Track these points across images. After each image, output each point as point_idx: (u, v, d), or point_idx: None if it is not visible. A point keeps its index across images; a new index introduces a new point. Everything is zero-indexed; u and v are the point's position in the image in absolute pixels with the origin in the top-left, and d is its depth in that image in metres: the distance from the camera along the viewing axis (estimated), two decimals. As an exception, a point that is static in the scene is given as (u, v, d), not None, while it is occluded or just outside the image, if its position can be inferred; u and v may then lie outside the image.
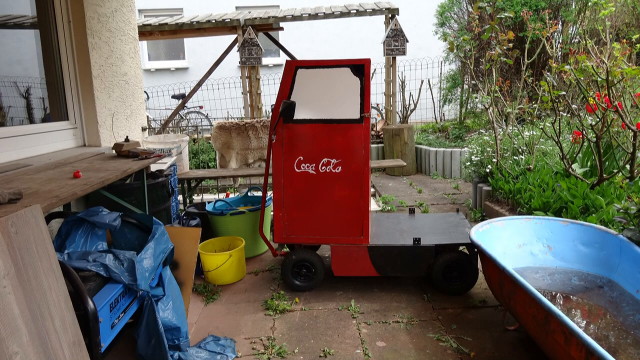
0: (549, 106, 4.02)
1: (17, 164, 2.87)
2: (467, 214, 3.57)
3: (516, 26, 7.15)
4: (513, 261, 2.81)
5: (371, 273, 3.18)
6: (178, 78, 12.10)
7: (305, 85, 3.07)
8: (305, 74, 3.05)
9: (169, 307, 2.36)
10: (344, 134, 3.05)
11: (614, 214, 3.07)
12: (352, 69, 2.99)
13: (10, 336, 1.46)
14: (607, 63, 3.33)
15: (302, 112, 3.10)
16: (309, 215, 3.18)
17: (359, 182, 3.08)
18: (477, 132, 6.96)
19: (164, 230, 2.50)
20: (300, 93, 3.07)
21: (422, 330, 2.71)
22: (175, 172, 4.21)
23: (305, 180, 3.14)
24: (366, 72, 2.99)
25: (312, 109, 3.08)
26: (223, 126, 5.40)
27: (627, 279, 2.54)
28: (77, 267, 2.06)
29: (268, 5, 12.00)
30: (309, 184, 3.14)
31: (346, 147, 3.06)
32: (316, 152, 3.11)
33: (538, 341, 2.15)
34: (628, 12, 6.52)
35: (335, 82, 3.03)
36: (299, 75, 3.06)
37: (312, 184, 3.14)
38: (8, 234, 1.56)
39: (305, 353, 2.52)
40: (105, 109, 3.85)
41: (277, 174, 3.18)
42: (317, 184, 3.13)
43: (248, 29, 7.20)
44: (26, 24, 3.52)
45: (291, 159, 3.14)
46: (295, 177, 3.15)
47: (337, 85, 3.03)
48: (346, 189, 3.10)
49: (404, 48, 7.22)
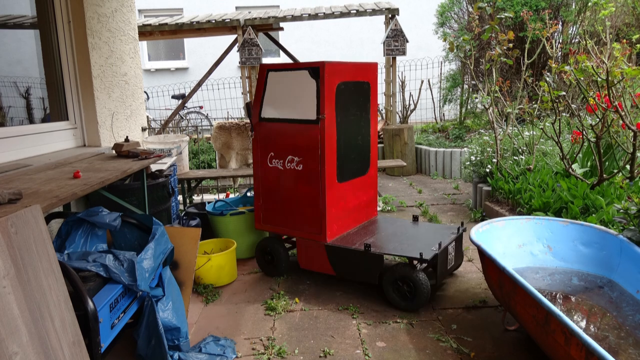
0: (549, 106, 4.02)
1: (17, 164, 2.87)
2: (463, 224, 3.48)
3: (516, 26, 7.15)
4: (513, 261, 2.81)
5: (329, 271, 3.27)
6: (178, 78, 12.10)
7: (276, 87, 3.28)
8: (276, 76, 3.26)
9: (169, 308, 2.35)
10: (304, 133, 3.21)
11: (614, 214, 3.07)
12: (310, 71, 3.11)
13: (10, 336, 1.46)
14: (607, 63, 3.33)
15: (271, 112, 3.32)
16: (279, 208, 3.42)
17: (316, 181, 3.20)
18: (477, 132, 6.96)
19: (164, 231, 2.50)
20: (272, 94, 3.31)
21: (422, 331, 2.70)
22: (175, 172, 4.21)
23: (275, 175, 3.39)
24: (321, 75, 3.07)
25: (280, 109, 3.28)
26: (223, 126, 5.40)
27: (627, 279, 2.54)
28: (77, 267, 2.06)
29: (268, 5, 11.99)
30: (279, 178, 3.38)
31: (306, 146, 3.21)
32: (283, 149, 3.32)
33: (538, 341, 2.15)
34: (628, 12, 6.52)
35: (301, 84, 3.17)
36: (270, 78, 3.28)
37: (281, 178, 3.38)
38: (8, 234, 1.56)
39: (305, 353, 2.52)
40: (105, 109, 3.85)
41: (256, 167, 3.48)
42: (284, 179, 3.36)
43: (248, 29, 7.20)
44: (26, 24, 3.53)
45: (265, 154, 3.41)
46: (268, 170, 3.42)
47: (303, 87, 3.17)
48: (306, 187, 3.26)
49: (404, 48, 7.22)
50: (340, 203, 3.36)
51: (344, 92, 3.28)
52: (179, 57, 12.64)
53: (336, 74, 3.19)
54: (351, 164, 3.44)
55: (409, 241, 3.19)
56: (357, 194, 3.55)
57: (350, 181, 3.45)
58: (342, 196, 3.37)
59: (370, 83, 3.53)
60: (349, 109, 3.37)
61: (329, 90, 3.12)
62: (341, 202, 3.37)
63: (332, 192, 3.25)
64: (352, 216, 3.53)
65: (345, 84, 3.29)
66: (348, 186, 3.43)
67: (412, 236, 3.30)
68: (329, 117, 3.14)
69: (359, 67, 3.42)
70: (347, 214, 3.46)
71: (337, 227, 3.33)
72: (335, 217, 3.31)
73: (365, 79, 3.48)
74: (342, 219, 3.39)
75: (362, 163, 3.58)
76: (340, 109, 3.26)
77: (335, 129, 3.22)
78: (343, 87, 3.28)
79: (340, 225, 3.38)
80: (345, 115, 3.32)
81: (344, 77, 3.26)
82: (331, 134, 3.18)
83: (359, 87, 3.44)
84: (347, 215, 3.46)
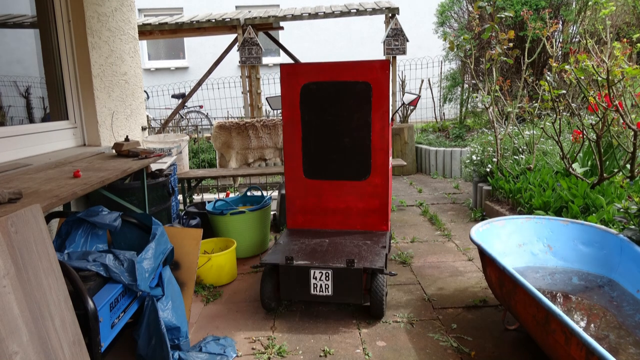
0: (549, 105, 4.01)
1: (17, 163, 2.87)
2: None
3: (516, 25, 7.14)
4: (513, 261, 2.81)
5: None
6: (178, 77, 12.10)
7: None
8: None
9: (169, 307, 2.35)
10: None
11: (614, 214, 3.07)
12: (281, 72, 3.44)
13: (10, 336, 1.46)
14: (607, 62, 3.32)
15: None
16: None
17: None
18: (479, 132, 6.95)
19: (164, 231, 2.50)
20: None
21: (422, 330, 2.70)
22: (175, 171, 4.21)
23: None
24: (281, 76, 3.39)
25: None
26: (223, 126, 5.40)
27: (628, 278, 2.54)
28: (77, 266, 2.06)
29: (268, 4, 11.98)
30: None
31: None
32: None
33: (538, 341, 2.15)
34: (628, 11, 6.51)
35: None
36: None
37: None
38: (8, 233, 1.56)
39: (305, 353, 2.52)
40: (105, 108, 3.85)
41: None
42: None
43: (248, 28, 7.19)
44: (26, 23, 3.52)
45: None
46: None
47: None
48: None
49: (404, 47, 7.21)
50: (310, 199, 3.52)
51: (314, 93, 3.36)
52: (179, 57, 12.63)
53: (301, 75, 3.35)
54: (331, 164, 3.44)
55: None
56: (344, 198, 3.45)
57: (330, 181, 3.45)
58: (313, 193, 3.51)
59: (370, 83, 3.26)
60: (326, 109, 3.36)
61: (292, 91, 3.38)
62: (311, 198, 3.51)
63: (296, 185, 3.51)
64: (333, 218, 3.49)
65: (317, 85, 3.33)
66: (326, 186, 3.47)
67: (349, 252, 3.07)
68: (290, 115, 3.42)
69: (348, 66, 3.27)
70: (323, 213, 3.51)
71: (302, 219, 3.55)
72: (301, 210, 3.53)
73: (358, 79, 3.28)
74: (312, 214, 3.53)
75: (355, 167, 3.40)
76: (309, 109, 3.37)
77: (300, 128, 3.43)
78: (313, 87, 3.34)
79: (309, 219, 3.54)
80: (318, 116, 3.38)
81: (313, 77, 3.33)
82: (294, 132, 3.44)
83: (345, 87, 3.29)
84: (323, 213, 3.51)
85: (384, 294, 2.78)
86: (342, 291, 2.78)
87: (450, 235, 4.30)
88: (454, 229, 4.50)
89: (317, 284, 2.81)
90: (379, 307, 2.79)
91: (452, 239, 4.23)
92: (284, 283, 2.85)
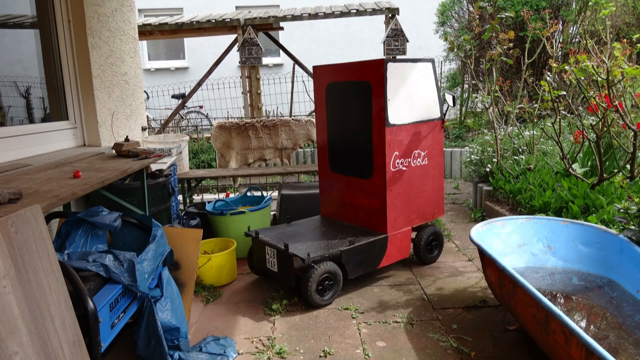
0: (549, 106, 4.01)
1: (17, 163, 2.87)
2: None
3: (517, 26, 7.15)
4: (513, 261, 2.81)
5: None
6: (178, 78, 12.09)
7: None
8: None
9: (167, 308, 2.35)
10: None
11: (614, 214, 3.07)
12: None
13: (10, 336, 1.46)
14: (607, 63, 3.32)
15: None
16: None
17: None
18: (479, 132, 6.95)
19: (163, 233, 2.50)
20: None
21: (422, 330, 2.70)
22: (175, 172, 4.21)
23: None
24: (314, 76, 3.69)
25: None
26: (223, 126, 5.40)
27: (628, 278, 2.54)
28: (77, 267, 2.06)
29: (268, 5, 11.98)
30: None
31: None
32: None
33: (538, 341, 2.15)
34: (628, 11, 6.51)
35: None
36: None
37: None
38: (8, 233, 1.56)
39: (305, 353, 2.52)
40: (105, 108, 3.85)
41: None
42: None
43: (248, 28, 7.19)
44: (26, 23, 3.52)
45: None
46: None
47: None
48: None
49: (404, 48, 7.21)
50: (334, 191, 3.74)
51: (334, 92, 3.55)
52: (179, 57, 12.63)
53: (325, 75, 3.59)
54: (344, 160, 3.60)
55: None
56: (355, 194, 3.52)
57: (345, 177, 3.59)
58: (335, 186, 3.71)
59: (370, 83, 3.24)
60: (342, 108, 3.53)
61: (319, 90, 3.69)
62: (334, 191, 3.73)
63: (325, 177, 3.79)
64: (349, 212, 3.62)
65: (335, 84, 3.53)
66: (343, 180, 3.61)
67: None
68: (319, 112, 3.72)
69: (353, 66, 3.37)
70: (342, 206, 3.67)
71: (329, 209, 3.82)
72: (328, 200, 3.80)
73: (362, 79, 3.30)
74: (335, 205, 3.75)
75: (360, 166, 3.44)
76: (331, 106, 3.60)
77: (325, 124, 3.69)
78: (334, 87, 3.53)
79: (334, 211, 3.78)
80: (336, 113, 3.58)
81: (334, 77, 3.53)
82: (322, 128, 3.73)
83: (356, 87, 3.36)
84: (342, 206, 3.68)
85: (312, 283, 2.95)
86: (282, 270, 3.12)
87: (450, 236, 4.30)
88: (453, 229, 4.50)
89: (269, 260, 3.22)
90: (305, 293, 2.97)
91: (452, 239, 4.23)
92: (255, 252, 3.41)
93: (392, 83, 3.22)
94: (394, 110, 3.25)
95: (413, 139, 3.40)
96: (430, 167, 3.53)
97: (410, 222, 3.48)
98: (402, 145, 3.34)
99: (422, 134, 3.44)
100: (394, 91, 3.25)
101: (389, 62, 3.20)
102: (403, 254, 3.48)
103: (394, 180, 3.33)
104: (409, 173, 3.40)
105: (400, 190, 3.38)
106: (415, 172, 3.44)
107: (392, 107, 3.24)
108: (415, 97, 3.39)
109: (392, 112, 3.24)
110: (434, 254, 3.68)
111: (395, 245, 3.40)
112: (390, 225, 3.35)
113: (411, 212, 3.47)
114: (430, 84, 3.49)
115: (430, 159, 3.52)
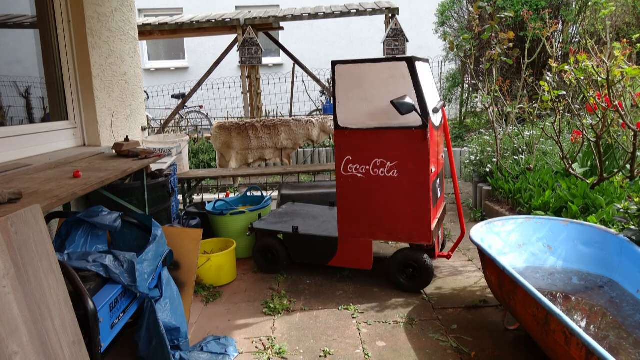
0: (549, 106, 4.01)
1: (17, 163, 2.87)
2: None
3: (516, 26, 7.15)
4: (513, 261, 2.81)
5: None
6: (178, 78, 12.09)
7: None
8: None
9: (167, 308, 2.35)
10: None
11: (614, 214, 3.07)
12: None
13: (10, 336, 1.46)
14: (607, 63, 3.32)
15: None
16: None
17: None
18: (477, 132, 6.95)
19: (163, 233, 2.50)
20: None
21: (422, 330, 2.70)
22: (175, 172, 4.21)
23: None
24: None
25: None
26: (223, 126, 5.40)
27: (628, 278, 2.54)
28: (77, 267, 2.06)
29: (268, 4, 11.98)
30: None
31: None
32: None
33: (538, 341, 2.15)
34: (628, 11, 6.51)
35: None
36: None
37: None
38: (8, 233, 1.56)
39: (305, 353, 2.52)
40: (105, 108, 3.85)
41: None
42: None
43: (248, 28, 7.19)
44: (26, 23, 3.52)
45: None
46: None
47: None
48: None
49: (404, 48, 7.21)
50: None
51: None
52: (179, 57, 12.63)
53: None
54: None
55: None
56: None
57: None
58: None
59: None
60: None
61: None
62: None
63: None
64: None
65: None
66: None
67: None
68: None
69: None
70: None
71: None
72: None
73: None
74: None
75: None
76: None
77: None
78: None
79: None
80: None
81: None
82: None
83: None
84: None
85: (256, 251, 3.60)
86: None
87: (450, 236, 4.31)
88: (453, 229, 4.50)
89: None
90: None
91: (452, 239, 4.23)
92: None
93: (343, 85, 3.08)
94: (347, 113, 3.10)
95: (373, 147, 3.09)
96: (404, 182, 3.07)
97: (372, 235, 3.20)
98: (357, 151, 3.13)
99: (388, 142, 3.06)
100: (346, 93, 3.09)
101: (337, 63, 3.08)
102: (362, 264, 3.27)
103: (346, 185, 3.20)
104: (367, 182, 3.14)
105: (354, 198, 3.20)
106: (377, 183, 3.12)
107: (342, 110, 3.10)
108: (381, 101, 3.04)
109: (342, 115, 3.11)
110: (410, 282, 3.19)
111: (347, 251, 3.28)
112: (341, 229, 3.27)
113: (371, 224, 3.19)
114: (405, 87, 3.00)
115: (403, 173, 3.06)
